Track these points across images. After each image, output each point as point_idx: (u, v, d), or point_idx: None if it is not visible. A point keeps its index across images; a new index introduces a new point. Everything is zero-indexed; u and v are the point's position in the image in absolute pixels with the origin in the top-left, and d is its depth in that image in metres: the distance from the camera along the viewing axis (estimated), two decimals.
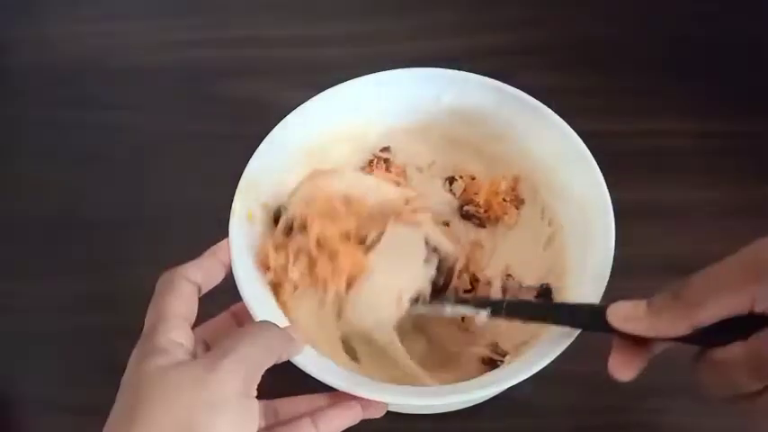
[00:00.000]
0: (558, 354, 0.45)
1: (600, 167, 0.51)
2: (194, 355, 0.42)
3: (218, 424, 0.38)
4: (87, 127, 0.70)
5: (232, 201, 0.51)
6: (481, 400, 0.52)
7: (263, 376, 0.41)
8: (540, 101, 0.54)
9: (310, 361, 0.45)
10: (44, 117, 0.71)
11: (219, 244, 0.48)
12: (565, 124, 0.53)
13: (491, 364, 0.50)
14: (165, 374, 0.39)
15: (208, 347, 0.44)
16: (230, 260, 0.48)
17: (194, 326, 0.44)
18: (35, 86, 0.73)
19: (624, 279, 0.47)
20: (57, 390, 0.57)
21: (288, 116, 0.54)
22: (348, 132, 0.57)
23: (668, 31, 0.72)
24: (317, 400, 0.45)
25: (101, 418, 0.40)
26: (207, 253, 0.47)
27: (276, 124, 0.54)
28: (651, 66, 0.70)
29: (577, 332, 0.45)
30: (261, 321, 0.45)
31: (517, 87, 0.55)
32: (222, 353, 0.40)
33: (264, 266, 0.49)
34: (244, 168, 0.52)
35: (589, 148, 0.52)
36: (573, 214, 0.52)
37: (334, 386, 0.45)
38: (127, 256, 0.61)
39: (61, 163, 0.68)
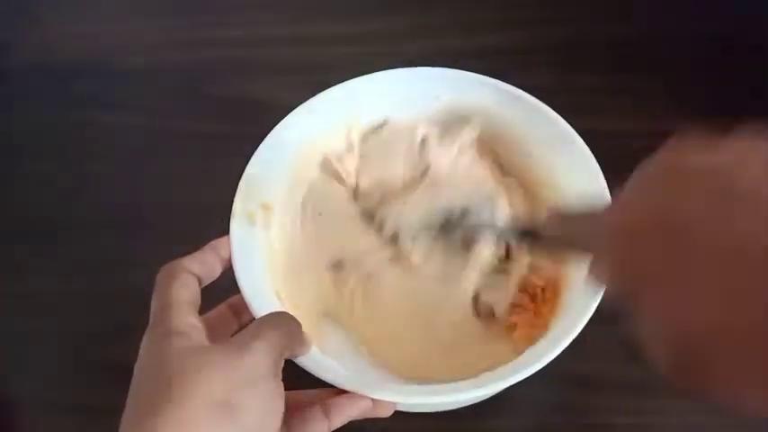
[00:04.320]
0: (559, 352, 0.45)
1: (600, 167, 0.51)
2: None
3: (253, 402, 0.38)
4: (87, 127, 0.70)
5: (232, 201, 0.51)
6: (479, 400, 0.52)
7: None
8: (541, 101, 0.54)
9: (315, 363, 0.46)
10: (44, 117, 0.71)
11: (219, 239, 0.48)
12: (566, 124, 0.53)
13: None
14: (195, 355, 0.39)
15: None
16: (229, 256, 0.48)
17: None
18: (35, 86, 0.73)
19: None
20: (57, 390, 0.57)
21: (288, 116, 0.54)
22: (348, 132, 0.57)
23: (669, 31, 0.72)
24: (324, 394, 0.45)
25: (101, 418, 0.40)
26: (206, 247, 0.47)
27: (276, 124, 0.54)
28: (651, 66, 0.70)
29: (578, 330, 0.45)
30: (280, 312, 0.45)
31: (517, 87, 0.55)
32: (250, 336, 0.40)
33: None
34: (244, 168, 0.52)
35: (589, 148, 0.52)
36: None
37: (341, 386, 0.45)
38: (127, 256, 0.61)
39: (61, 163, 0.68)
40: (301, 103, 0.55)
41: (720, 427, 0.54)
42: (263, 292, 0.49)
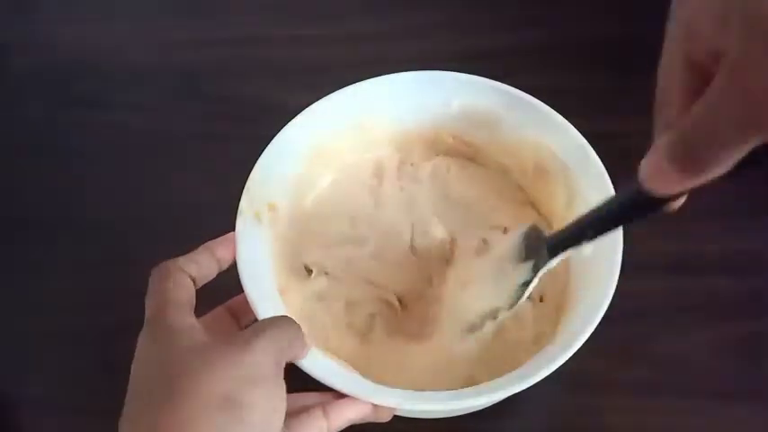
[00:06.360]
0: (565, 360, 0.45)
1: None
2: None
3: (257, 400, 0.38)
4: (87, 127, 0.70)
5: (232, 201, 0.50)
6: (480, 408, 0.52)
7: None
8: (541, 101, 0.54)
9: (317, 365, 0.45)
10: (44, 117, 0.71)
11: (214, 240, 0.48)
12: (577, 133, 0.52)
13: None
14: (197, 352, 0.39)
15: None
16: (225, 258, 0.47)
17: None
18: (35, 86, 0.73)
19: (624, 279, 0.47)
20: (57, 390, 0.57)
21: (297, 116, 0.54)
22: (358, 135, 0.56)
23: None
24: (325, 396, 0.45)
25: (101, 418, 0.40)
26: (201, 248, 0.47)
27: (276, 124, 0.53)
28: (652, 65, 0.70)
29: (584, 339, 0.45)
30: (281, 315, 0.45)
31: (517, 87, 0.55)
32: (254, 335, 0.40)
33: None
34: (243, 168, 0.52)
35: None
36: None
37: (341, 390, 0.45)
38: (127, 256, 0.61)
39: (61, 163, 0.68)
40: (301, 103, 0.54)
41: (721, 428, 0.54)
42: (268, 294, 0.49)
